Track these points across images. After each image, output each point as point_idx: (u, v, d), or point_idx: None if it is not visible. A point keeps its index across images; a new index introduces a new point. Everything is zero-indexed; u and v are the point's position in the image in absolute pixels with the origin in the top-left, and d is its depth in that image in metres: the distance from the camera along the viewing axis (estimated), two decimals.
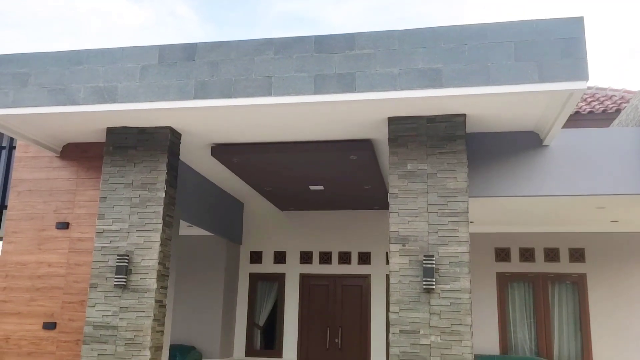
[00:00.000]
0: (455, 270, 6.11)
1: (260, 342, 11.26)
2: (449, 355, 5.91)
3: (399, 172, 6.50)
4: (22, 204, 7.92)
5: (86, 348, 6.68)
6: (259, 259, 11.44)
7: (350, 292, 10.99)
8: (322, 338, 10.88)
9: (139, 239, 6.91)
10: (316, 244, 11.22)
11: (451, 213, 6.27)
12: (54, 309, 7.48)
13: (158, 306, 6.81)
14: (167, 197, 7.06)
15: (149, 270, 6.79)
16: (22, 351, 7.40)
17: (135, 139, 7.18)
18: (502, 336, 9.82)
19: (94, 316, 6.76)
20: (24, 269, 7.68)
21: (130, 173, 7.12)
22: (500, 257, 10.13)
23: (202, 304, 10.67)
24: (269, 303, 11.35)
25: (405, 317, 6.09)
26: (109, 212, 7.05)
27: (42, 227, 7.80)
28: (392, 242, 6.32)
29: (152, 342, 6.62)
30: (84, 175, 7.88)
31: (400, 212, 6.39)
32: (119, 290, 6.78)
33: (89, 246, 7.47)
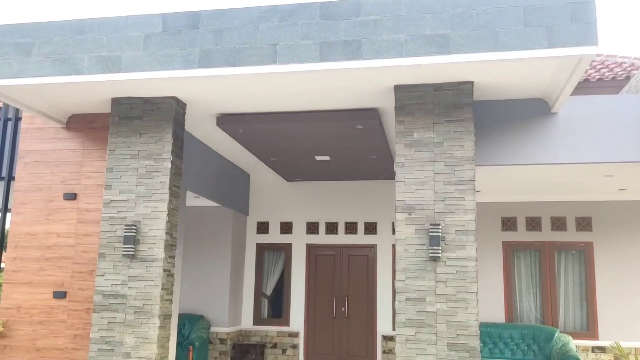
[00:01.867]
0: (461, 239, 6.12)
1: (267, 311, 11.40)
2: (455, 322, 5.95)
3: (405, 140, 6.46)
4: (30, 175, 7.96)
5: (96, 316, 6.78)
6: (266, 230, 11.50)
7: (357, 262, 11.06)
8: (328, 307, 11.00)
9: (146, 209, 6.94)
10: (322, 214, 11.26)
11: (458, 182, 6.25)
12: (64, 279, 7.57)
13: (166, 275, 6.88)
14: (173, 168, 7.06)
15: (156, 240, 6.83)
16: (34, 320, 7.52)
17: (141, 109, 7.16)
18: (507, 305, 9.89)
19: (103, 285, 6.84)
20: (33, 240, 7.75)
21: (136, 143, 7.11)
22: (506, 227, 10.13)
23: (210, 274, 10.78)
24: (276, 273, 11.45)
25: (412, 285, 6.13)
26: (115, 183, 7.07)
27: (49, 198, 7.84)
28: (398, 211, 6.32)
29: (161, 311, 6.70)
30: (90, 146, 7.89)
31: (406, 181, 6.37)
32: (127, 259, 6.84)
33: (97, 217, 7.52)
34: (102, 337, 6.70)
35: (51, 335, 7.43)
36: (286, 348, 10.93)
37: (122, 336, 6.66)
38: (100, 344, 6.69)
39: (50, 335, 7.43)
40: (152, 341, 6.60)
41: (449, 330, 5.95)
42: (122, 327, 6.69)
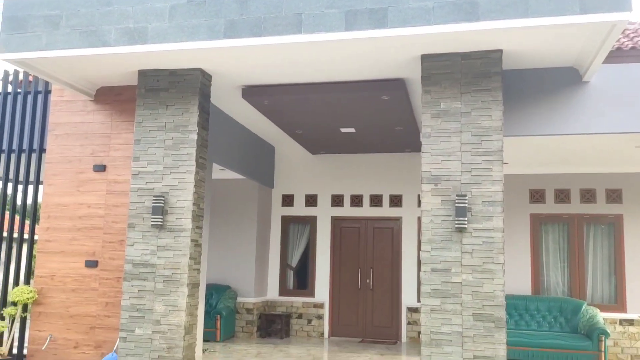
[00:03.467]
0: (488, 210, 6.07)
1: (293, 283, 11.53)
2: (481, 293, 5.95)
3: (432, 111, 6.39)
4: (60, 148, 8.11)
5: (127, 284, 6.94)
6: (291, 202, 11.56)
7: (382, 235, 11.08)
8: (353, 279, 11.07)
9: (173, 180, 7.03)
10: (347, 187, 11.26)
11: (485, 152, 6.17)
12: (95, 248, 7.76)
13: (194, 245, 6.99)
14: (199, 139, 7.12)
15: (184, 210, 6.93)
16: (67, 287, 7.74)
17: (167, 81, 7.20)
18: (534, 277, 9.84)
19: (133, 254, 6.99)
20: (64, 210, 7.94)
21: (163, 115, 7.17)
22: (534, 199, 10.02)
23: (236, 246, 10.92)
24: (301, 245, 11.54)
25: (437, 255, 6.13)
26: (143, 155, 7.16)
27: (80, 169, 7.99)
28: (424, 182, 6.29)
29: (189, 280, 6.83)
30: (118, 118, 7.99)
31: (432, 152, 6.32)
32: (155, 230, 6.96)
33: (125, 188, 7.65)
34: (132, 304, 6.87)
35: (84, 303, 7.65)
36: (311, 318, 11.08)
37: (152, 304, 6.82)
38: (131, 311, 6.86)
39: (83, 302, 7.65)
40: (181, 309, 6.74)
41: (475, 301, 5.95)
42: (152, 295, 6.84)
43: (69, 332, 7.62)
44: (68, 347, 7.59)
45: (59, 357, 7.56)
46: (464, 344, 5.90)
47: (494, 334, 5.86)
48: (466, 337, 5.92)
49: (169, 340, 6.70)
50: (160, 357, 6.68)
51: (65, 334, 7.63)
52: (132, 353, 6.76)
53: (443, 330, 5.97)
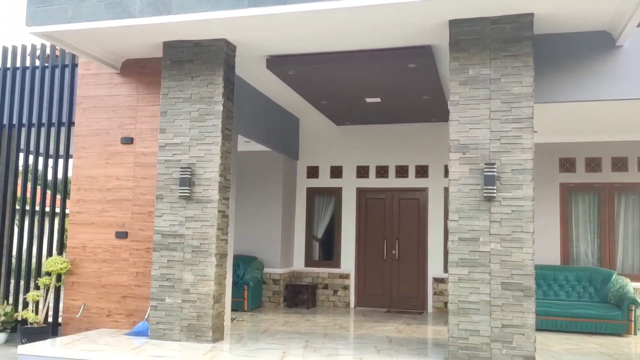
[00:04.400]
0: (517, 178, 5.97)
1: (318, 254, 11.60)
2: (509, 262, 5.89)
3: (460, 78, 6.26)
4: (88, 121, 8.20)
5: (156, 255, 7.05)
6: (316, 174, 11.56)
7: (408, 206, 11.04)
8: (379, 250, 11.09)
9: (199, 151, 7.06)
10: (372, 158, 11.20)
11: (515, 119, 6.05)
12: (125, 220, 7.88)
13: (221, 216, 7.05)
14: (224, 111, 7.12)
15: (210, 182, 6.98)
16: (98, 258, 7.91)
17: (192, 52, 7.18)
18: (563, 247, 9.72)
19: (161, 225, 7.08)
20: (94, 182, 8.06)
21: (188, 87, 7.18)
22: (564, 168, 9.83)
23: (262, 218, 11.00)
24: (327, 216, 11.57)
25: (465, 225, 6.07)
26: (170, 126, 7.20)
27: (108, 142, 8.08)
28: (452, 151, 6.20)
29: (217, 250, 6.91)
30: (144, 91, 8.02)
31: (460, 120, 6.22)
32: (183, 201, 7.03)
33: (153, 160, 7.72)
34: (162, 274, 6.99)
35: (115, 273, 7.82)
36: (337, 289, 11.16)
37: (181, 273, 6.93)
38: (161, 281, 6.99)
39: (115, 272, 7.82)
40: (210, 278, 6.84)
41: (503, 270, 5.90)
42: (181, 265, 6.95)
43: (101, 301, 7.81)
44: (101, 315, 7.79)
45: (93, 325, 7.76)
46: (492, 312, 5.88)
47: (522, 303, 5.83)
48: (494, 306, 5.89)
49: (199, 309, 6.82)
50: (191, 325, 6.81)
51: (98, 302, 7.82)
52: (163, 321, 6.91)
53: (471, 299, 5.95)
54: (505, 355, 5.80)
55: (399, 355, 6.35)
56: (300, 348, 6.68)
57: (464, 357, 5.91)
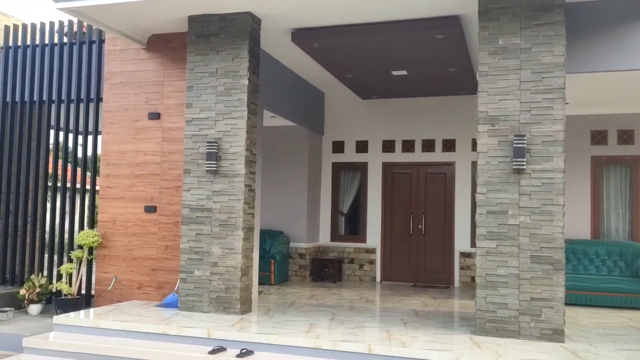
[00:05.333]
0: (548, 150, 5.86)
1: (344, 228, 11.62)
2: (539, 235, 5.82)
3: (490, 48, 6.12)
4: (116, 96, 8.28)
5: (185, 228, 7.15)
6: (341, 149, 11.52)
7: (434, 180, 10.95)
8: (405, 224, 11.06)
9: (226, 126, 7.08)
10: (399, 132, 11.10)
11: (546, 90, 5.91)
12: (153, 194, 7.99)
13: (248, 190, 7.09)
14: (250, 85, 7.10)
15: (237, 156, 7.01)
16: (129, 232, 8.05)
17: (217, 26, 7.16)
18: (593, 221, 9.56)
19: (189, 199, 7.16)
20: (123, 158, 8.16)
21: (214, 61, 7.17)
22: (596, 140, 9.61)
23: (288, 193, 11.04)
24: (352, 191, 11.55)
25: (493, 198, 6.00)
26: (196, 101, 7.22)
27: (135, 117, 8.16)
28: (481, 123, 6.10)
29: (244, 223, 6.97)
30: (170, 66, 8.05)
31: (489, 91, 6.10)
32: (210, 175, 7.08)
33: (180, 135, 7.78)
34: (191, 247, 7.09)
35: (145, 246, 7.96)
36: (363, 263, 11.19)
37: (210, 247, 7.01)
38: (189, 254, 7.09)
39: (144, 246, 7.96)
40: (237, 252, 6.92)
41: (532, 243, 5.83)
42: (209, 239, 7.03)
43: (132, 274, 7.97)
44: (132, 287, 7.96)
45: (124, 297, 7.94)
46: (521, 286, 5.83)
47: (552, 277, 5.76)
48: (523, 279, 5.84)
49: (227, 281, 6.91)
50: (219, 297, 6.92)
51: (129, 275, 7.99)
52: (192, 293, 7.03)
53: (499, 272, 5.91)
54: (533, 328, 5.77)
55: (425, 328, 6.37)
56: (326, 320, 6.74)
57: (491, 330, 5.89)
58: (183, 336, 6.00)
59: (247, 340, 5.79)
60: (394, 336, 5.86)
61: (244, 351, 5.65)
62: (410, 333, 6.04)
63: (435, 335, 5.95)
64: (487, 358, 5.07)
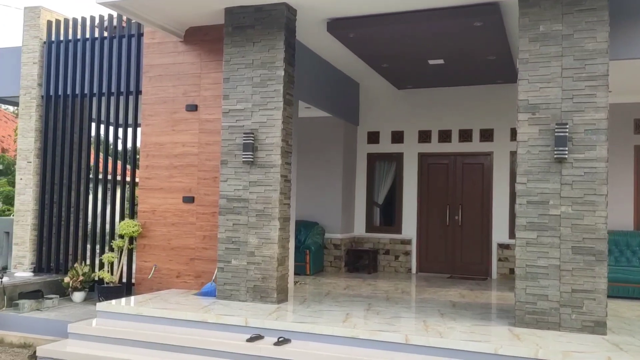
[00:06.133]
0: (590, 139, 5.72)
1: (379, 219, 11.59)
2: (581, 226, 5.69)
3: (530, 34, 6.00)
4: (154, 89, 8.42)
5: (222, 218, 7.24)
6: (377, 139, 11.47)
7: (471, 170, 10.81)
8: (441, 215, 10.96)
9: (262, 117, 7.13)
10: (435, 122, 10.98)
11: (588, 77, 5.76)
12: (191, 185, 8.12)
13: (284, 180, 7.13)
14: (286, 76, 7.13)
15: (273, 147, 7.05)
16: (167, 222, 8.21)
17: (253, 17, 7.20)
18: (637, 212, 9.28)
19: (226, 190, 7.24)
20: (161, 149, 8.31)
21: (250, 53, 7.22)
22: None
23: (323, 184, 11.06)
24: (387, 182, 11.50)
25: (534, 188, 5.89)
26: (232, 93, 7.29)
27: (173, 109, 8.29)
28: (521, 111, 5.99)
29: (280, 214, 7.02)
30: (207, 58, 8.13)
31: (530, 79, 5.99)
32: (247, 166, 7.15)
33: (217, 126, 7.86)
34: (228, 237, 7.18)
35: (183, 236, 8.10)
36: (399, 255, 11.15)
37: (246, 237, 7.09)
38: (227, 244, 7.18)
39: (183, 235, 8.10)
40: (274, 241, 6.97)
41: (574, 234, 5.71)
42: (246, 229, 7.11)
43: (171, 263, 8.13)
44: (171, 276, 8.12)
45: (164, 286, 8.11)
46: (562, 277, 5.72)
47: (594, 268, 5.64)
48: (564, 270, 5.73)
49: (263, 270, 6.98)
50: (256, 287, 7.00)
51: (168, 264, 8.15)
52: (230, 282, 7.13)
53: (539, 264, 5.81)
54: (574, 320, 5.66)
55: (463, 319, 6.31)
56: (362, 310, 6.74)
57: (531, 322, 5.81)
58: (221, 324, 6.10)
59: (284, 329, 5.85)
60: (431, 327, 5.83)
61: (281, 339, 5.71)
62: (448, 324, 6.00)
63: (473, 327, 5.89)
64: (527, 350, 5.00)
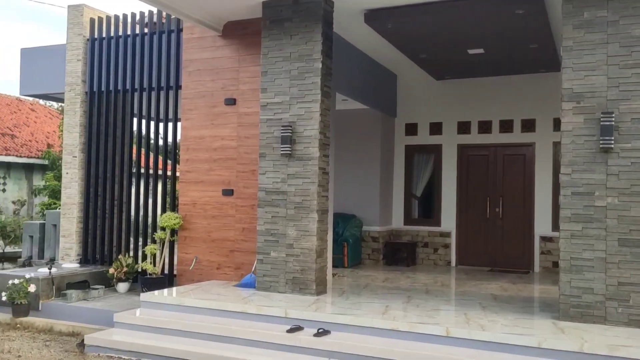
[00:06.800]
0: (638, 128, 5.53)
1: (417, 212, 11.49)
2: (627, 217, 5.52)
3: (574, 21, 5.83)
4: (194, 83, 8.54)
5: (261, 211, 7.31)
6: (414, 131, 11.36)
7: (513, 162, 10.60)
8: (481, 208, 10.79)
9: (300, 110, 7.15)
10: (474, 113, 10.80)
11: (635, 64, 5.57)
12: (230, 178, 8.21)
13: (322, 173, 7.14)
14: (323, 68, 7.12)
15: (311, 139, 7.06)
16: (208, 214, 8.33)
17: (290, 10, 7.20)
18: None
19: (265, 183, 7.30)
20: (201, 143, 8.43)
21: (288, 45, 7.23)
22: None
23: (360, 176, 11.02)
24: (426, 174, 11.39)
25: (579, 178, 5.74)
26: (270, 86, 7.32)
27: (212, 104, 8.39)
28: (565, 100, 5.84)
29: (318, 206, 7.04)
30: (245, 52, 8.20)
31: (574, 67, 5.82)
32: (285, 158, 7.18)
33: (255, 120, 7.92)
34: (267, 229, 7.24)
35: (223, 228, 8.21)
36: (437, 247, 11.04)
37: (285, 229, 7.14)
38: (266, 236, 7.25)
39: (222, 228, 8.21)
40: (312, 234, 7.00)
41: (621, 226, 5.54)
42: (285, 221, 7.15)
43: (211, 255, 8.26)
44: (211, 268, 8.25)
45: (204, 277, 8.25)
46: (608, 270, 5.57)
47: None
48: (610, 263, 5.57)
49: (302, 262, 7.02)
50: (295, 278, 7.04)
51: (208, 256, 8.28)
52: (269, 274, 7.19)
53: (584, 256, 5.66)
54: (621, 314, 5.50)
55: (505, 312, 6.21)
56: (402, 303, 6.71)
57: (575, 315, 5.67)
58: (261, 315, 6.17)
59: (324, 320, 5.88)
60: (472, 320, 5.76)
61: (321, 331, 5.74)
62: (490, 317, 5.92)
63: (516, 320, 5.79)
64: (572, 344, 4.89)
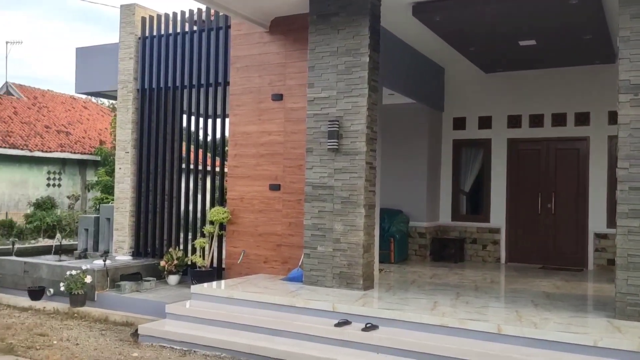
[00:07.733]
0: None
1: (465, 207, 11.31)
2: None
3: (632, 10, 5.60)
4: (241, 79, 8.64)
5: (308, 205, 7.34)
6: (463, 125, 11.16)
7: (565, 156, 10.29)
8: (532, 204, 10.52)
9: (347, 104, 7.13)
10: (525, 106, 10.53)
11: None
12: (277, 173, 8.28)
13: (369, 168, 7.11)
14: (371, 62, 7.08)
15: (358, 134, 7.04)
16: (255, 209, 8.44)
17: (337, 5, 7.19)
18: None
19: (312, 177, 7.33)
20: (248, 138, 8.54)
21: (335, 40, 7.22)
22: None
23: (407, 171, 10.91)
24: (474, 169, 11.19)
25: (637, 173, 5.52)
26: (317, 81, 7.33)
27: (259, 99, 8.47)
28: (622, 92, 5.62)
29: (365, 201, 7.01)
30: (291, 47, 8.23)
31: (632, 58, 5.61)
32: (332, 153, 7.19)
33: (302, 115, 7.95)
34: (314, 224, 7.27)
35: (270, 223, 8.30)
36: (486, 244, 10.84)
37: (332, 223, 7.15)
38: (312, 230, 7.28)
39: (269, 222, 8.30)
40: (359, 228, 6.98)
41: None
42: (331, 216, 7.16)
43: (258, 249, 8.36)
44: (259, 261, 8.35)
45: (252, 271, 8.36)
46: None
47: None
48: None
49: (349, 257, 7.02)
50: (342, 273, 7.05)
51: (256, 250, 8.39)
52: (316, 268, 7.22)
53: None
54: None
55: (558, 310, 6.04)
56: (450, 299, 6.62)
57: (633, 314, 5.47)
58: (309, 309, 6.20)
59: (371, 315, 5.86)
60: (524, 317, 5.63)
61: (369, 325, 5.73)
62: (542, 315, 5.77)
63: (570, 318, 5.63)
64: (630, 343, 4.72)
